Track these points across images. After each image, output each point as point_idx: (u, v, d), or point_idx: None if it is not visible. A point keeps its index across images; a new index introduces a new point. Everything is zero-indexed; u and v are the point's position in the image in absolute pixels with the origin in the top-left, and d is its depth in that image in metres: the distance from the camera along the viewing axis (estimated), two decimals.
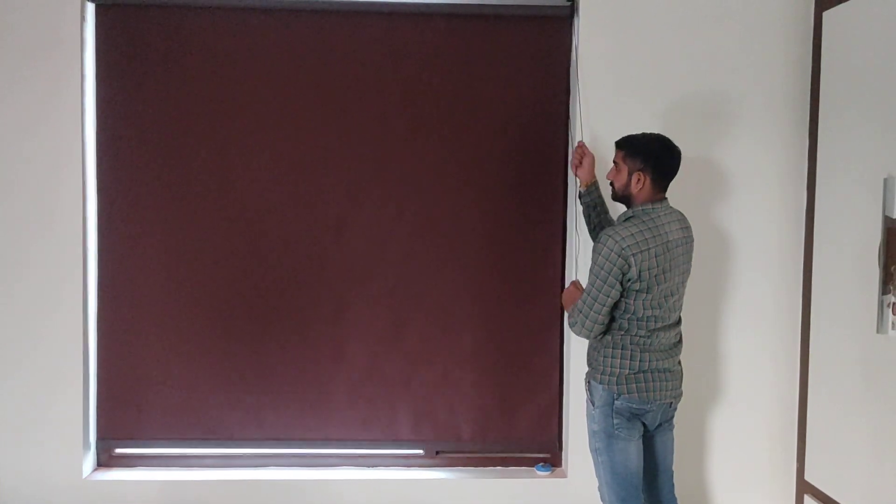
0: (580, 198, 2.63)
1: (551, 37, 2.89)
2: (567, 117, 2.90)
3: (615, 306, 2.28)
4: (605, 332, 2.33)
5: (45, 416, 2.83)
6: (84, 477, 2.87)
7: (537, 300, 2.94)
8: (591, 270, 2.27)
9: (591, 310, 2.27)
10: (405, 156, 2.89)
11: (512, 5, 2.85)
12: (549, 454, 3.04)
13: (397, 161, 2.88)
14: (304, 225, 2.88)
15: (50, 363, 2.82)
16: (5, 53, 2.75)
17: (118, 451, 2.98)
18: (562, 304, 2.72)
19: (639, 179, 2.30)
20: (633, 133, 2.39)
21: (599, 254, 2.23)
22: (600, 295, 2.24)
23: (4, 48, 2.74)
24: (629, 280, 2.21)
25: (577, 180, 2.63)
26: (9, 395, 2.83)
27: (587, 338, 2.35)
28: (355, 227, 2.89)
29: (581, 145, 2.62)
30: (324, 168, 2.87)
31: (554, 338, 2.98)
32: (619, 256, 2.18)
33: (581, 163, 2.58)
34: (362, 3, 2.84)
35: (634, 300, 2.25)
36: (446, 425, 2.97)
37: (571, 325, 2.36)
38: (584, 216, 2.64)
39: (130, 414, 2.90)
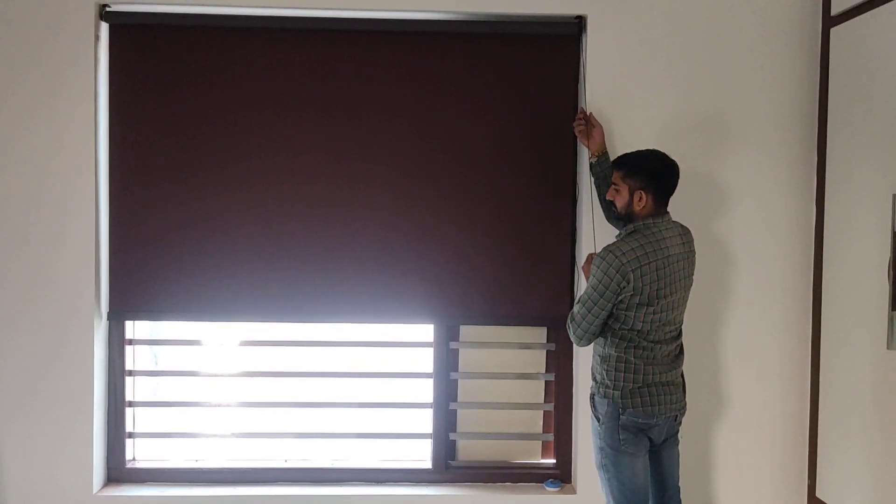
0: (591, 169, 2.68)
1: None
2: (574, 135, 2.92)
3: (615, 318, 2.30)
4: (608, 346, 2.34)
5: (56, 431, 2.85)
6: (94, 492, 2.88)
7: (548, 171, 2.92)
8: (589, 283, 2.30)
9: (583, 320, 2.31)
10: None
11: (520, 23, 2.88)
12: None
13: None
14: (314, 100, 2.90)
15: (64, 381, 2.84)
16: (21, 72, 2.79)
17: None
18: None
19: (640, 198, 2.31)
20: (628, 152, 2.41)
21: (598, 268, 2.25)
22: (595, 307, 2.27)
23: (20, 67, 2.78)
24: (628, 294, 2.23)
25: (587, 150, 2.69)
26: (22, 411, 2.84)
27: (580, 345, 2.40)
28: (367, 104, 2.91)
29: (586, 115, 2.65)
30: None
31: (565, 208, 2.95)
32: (617, 272, 2.21)
33: (590, 134, 2.62)
34: (371, 21, 2.87)
35: (636, 312, 2.26)
36: (457, 300, 2.96)
37: (568, 330, 2.40)
38: (596, 187, 2.67)
39: (141, 288, 2.91)
